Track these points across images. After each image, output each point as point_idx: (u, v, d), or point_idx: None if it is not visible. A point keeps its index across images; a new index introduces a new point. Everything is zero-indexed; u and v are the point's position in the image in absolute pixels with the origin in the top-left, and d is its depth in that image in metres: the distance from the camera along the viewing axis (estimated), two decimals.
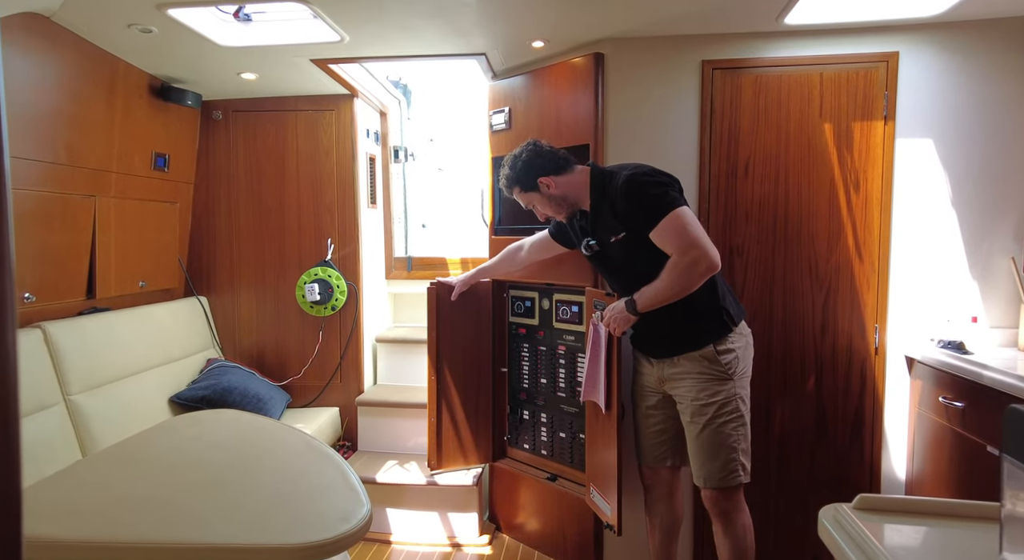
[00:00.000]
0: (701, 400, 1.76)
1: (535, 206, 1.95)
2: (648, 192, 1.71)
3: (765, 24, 2.07)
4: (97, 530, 1.14)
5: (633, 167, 1.80)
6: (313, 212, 3.04)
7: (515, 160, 1.92)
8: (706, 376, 1.76)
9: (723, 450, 1.73)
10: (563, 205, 1.90)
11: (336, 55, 2.41)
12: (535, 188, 1.89)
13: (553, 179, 1.87)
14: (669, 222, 1.68)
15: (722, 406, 1.73)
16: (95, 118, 2.32)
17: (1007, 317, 2.09)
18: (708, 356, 1.75)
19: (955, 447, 1.86)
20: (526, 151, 1.91)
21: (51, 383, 2.12)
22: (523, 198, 1.95)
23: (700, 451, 1.77)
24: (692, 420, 1.78)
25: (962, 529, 0.90)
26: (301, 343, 3.08)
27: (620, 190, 1.74)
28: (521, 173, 1.90)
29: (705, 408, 1.75)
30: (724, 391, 1.74)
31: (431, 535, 2.65)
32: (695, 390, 1.77)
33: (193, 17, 2.02)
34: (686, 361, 1.79)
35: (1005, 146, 2.06)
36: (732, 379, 1.75)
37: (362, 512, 1.22)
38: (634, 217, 1.73)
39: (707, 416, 1.74)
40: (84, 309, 2.42)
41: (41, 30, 1.99)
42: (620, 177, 1.76)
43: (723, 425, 1.73)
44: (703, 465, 1.76)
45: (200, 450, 1.58)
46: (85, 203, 2.33)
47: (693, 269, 1.65)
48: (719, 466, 1.74)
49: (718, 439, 1.74)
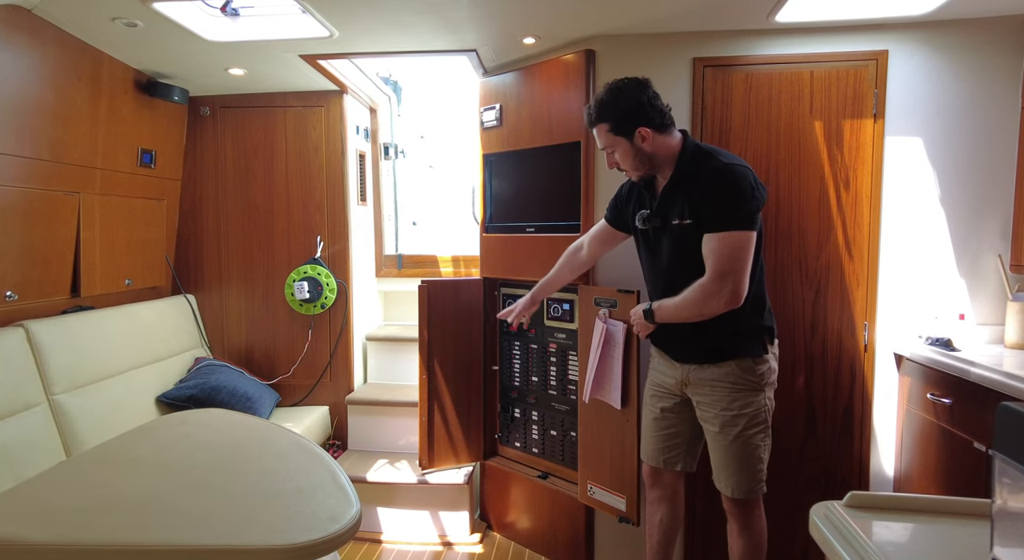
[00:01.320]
0: (733, 411, 1.69)
1: (614, 153, 1.72)
2: (738, 192, 1.57)
3: (756, 22, 2.07)
4: (80, 532, 1.12)
5: (733, 157, 1.66)
6: (302, 209, 3.02)
7: (618, 94, 1.67)
8: (739, 386, 1.69)
9: (752, 461, 1.70)
10: (646, 164, 1.70)
11: (325, 51, 2.39)
12: (629, 135, 1.67)
13: (652, 133, 1.66)
14: (730, 238, 1.57)
15: (753, 417, 1.69)
16: (79, 113, 2.28)
17: (994, 314, 2.11)
18: (744, 366, 1.69)
19: (942, 443, 1.88)
20: (636, 89, 1.67)
21: (34, 383, 2.09)
22: (606, 139, 1.71)
23: (730, 462, 1.71)
24: (722, 431, 1.71)
25: (952, 525, 0.90)
26: (290, 341, 3.06)
27: (713, 174, 1.61)
28: (622, 113, 1.66)
29: (737, 419, 1.68)
30: (756, 402, 1.69)
31: (422, 534, 2.64)
32: (727, 400, 1.69)
33: (179, 11, 1.99)
34: (716, 368, 1.71)
35: (992, 145, 2.08)
36: (764, 390, 1.70)
37: (351, 512, 1.20)
38: (707, 209, 1.60)
39: (739, 427, 1.68)
40: (68, 307, 2.39)
41: (23, 23, 1.95)
42: (719, 161, 1.62)
43: (753, 436, 1.69)
44: (732, 475, 1.72)
45: (187, 450, 1.56)
46: (69, 200, 2.29)
47: (717, 299, 1.58)
48: (748, 477, 1.70)
49: (747, 450, 1.69)
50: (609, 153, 1.74)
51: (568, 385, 2.43)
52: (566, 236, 2.31)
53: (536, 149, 2.40)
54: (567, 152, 2.29)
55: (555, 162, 2.37)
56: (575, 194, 2.27)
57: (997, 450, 0.64)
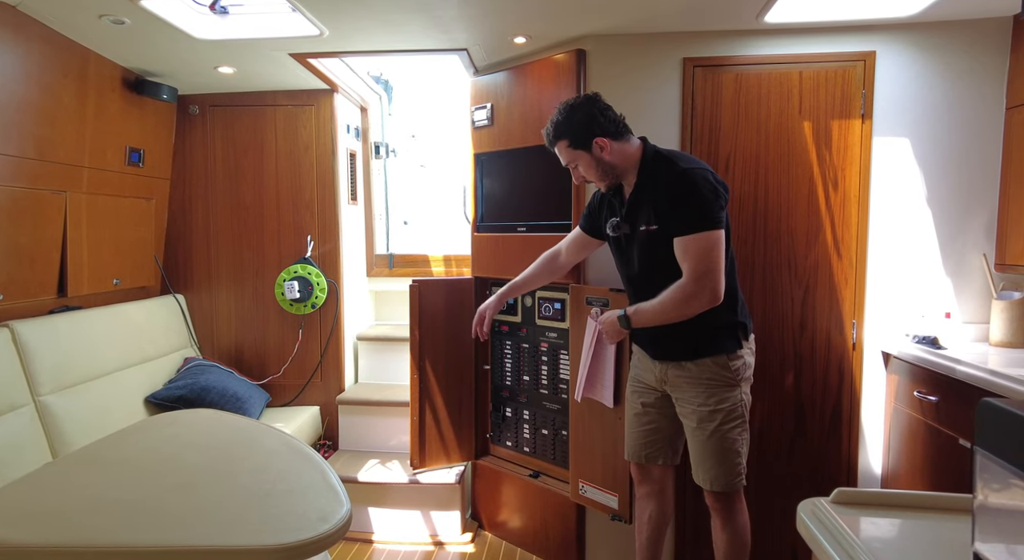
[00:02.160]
0: (709, 406, 1.72)
1: (577, 167, 1.77)
2: (700, 196, 1.61)
3: (745, 22, 2.08)
4: (68, 534, 1.11)
5: (691, 161, 1.70)
6: (292, 208, 3.00)
7: (571, 111, 1.73)
8: (715, 382, 1.72)
9: (730, 455, 1.72)
10: (610, 174, 1.75)
11: (315, 49, 2.38)
12: (587, 147, 1.71)
13: (609, 143, 1.71)
14: (701, 240, 1.60)
15: (729, 412, 1.71)
16: (66, 111, 2.25)
17: (979, 313, 2.14)
18: (719, 363, 1.72)
19: (929, 440, 1.90)
20: (586, 103, 1.73)
21: (20, 384, 2.06)
22: (567, 155, 1.77)
23: (707, 457, 1.74)
24: (699, 426, 1.74)
25: (937, 521, 0.92)
26: (281, 341, 3.04)
27: (673, 180, 1.65)
28: (577, 127, 1.71)
29: (713, 414, 1.71)
30: (731, 397, 1.72)
31: (413, 534, 2.63)
32: (703, 396, 1.73)
33: (167, 8, 1.97)
34: (693, 365, 1.74)
35: (978, 145, 2.10)
36: (739, 385, 1.73)
37: (341, 512, 1.20)
38: (674, 214, 1.64)
39: (715, 423, 1.71)
40: (55, 307, 2.36)
41: (7, 19, 1.93)
42: (677, 166, 1.66)
43: (730, 431, 1.71)
44: (710, 469, 1.74)
45: (176, 450, 1.55)
46: (56, 199, 2.27)
47: (697, 299, 1.61)
48: (725, 470, 1.72)
49: (725, 444, 1.71)
50: (573, 168, 1.79)
51: (559, 384, 2.43)
52: (557, 235, 2.30)
53: (527, 148, 2.41)
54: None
55: (546, 162, 2.35)
56: (566, 194, 2.28)
57: (978, 446, 0.65)
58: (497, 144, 2.53)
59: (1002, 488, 0.63)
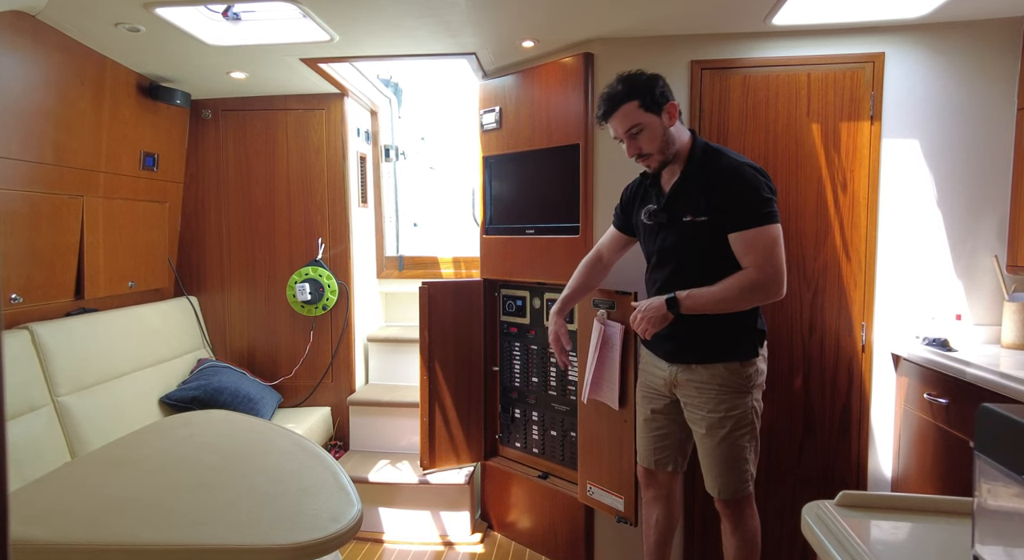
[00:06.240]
0: (720, 412, 1.69)
1: (640, 133, 1.65)
2: (760, 192, 1.59)
3: (753, 25, 2.08)
4: (86, 532, 1.14)
5: (741, 156, 1.69)
6: (303, 211, 3.03)
7: (641, 76, 1.67)
8: (727, 388, 1.69)
9: (738, 462, 1.70)
10: (667, 150, 1.68)
11: (326, 54, 2.41)
12: (658, 111, 1.65)
13: (678, 114, 1.69)
14: (764, 233, 1.58)
15: (740, 419, 1.69)
16: (82, 117, 2.30)
17: (990, 314, 2.12)
18: (732, 369, 1.69)
19: (939, 443, 1.89)
20: (656, 76, 1.69)
21: (39, 385, 2.11)
22: (633, 118, 1.65)
23: (716, 464, 1.72)
24: (708, 433, 1.71)
25: (941, 524, 0.92)
26: (292, 343, 3.08)
27: (731, 174, 1.62)
28: (656, 90, 1.64)
29: (724, 421, 1.69)
30: (743, 404, 1.69)
31: (423, 534, 2.65)
32: (713, 402, 1.70)
33: (181, 16, 2.01)
34: (704, 369, 1.71)
35: (988, 146, 2.08)
36: (751, 392, 1.71)
37: (352, 512, 1.22)
38: (731, 208, 1.60)
39: (726, 430, 1.69)
40: (72, 310, 2.41)
41: (27, 28, 1.97)
42: (733, 160, 1.65)
43: (740, 438, 1.70)
44: (718, 477, 1.72)
45: (190, 451, 1.58)
46: (73, 203, 2.32)
47: (763, 290, 1.59)
48: (734, 478, 1.71)
49: (734, 452, 1.70)
50: (633, 135, 1.66)
51: (568, 385, 2.45)
52: (565, 238, 2.33)
53: (535, 151, 2.42)
54: (566, 154, 2.30)
55: (554, 164, 2.39)
56: (574, 196, 2.29)
57: (978, 450, 0.66)
58: (505, 147, 2.54)
59: (1001, 491, 0.64)
